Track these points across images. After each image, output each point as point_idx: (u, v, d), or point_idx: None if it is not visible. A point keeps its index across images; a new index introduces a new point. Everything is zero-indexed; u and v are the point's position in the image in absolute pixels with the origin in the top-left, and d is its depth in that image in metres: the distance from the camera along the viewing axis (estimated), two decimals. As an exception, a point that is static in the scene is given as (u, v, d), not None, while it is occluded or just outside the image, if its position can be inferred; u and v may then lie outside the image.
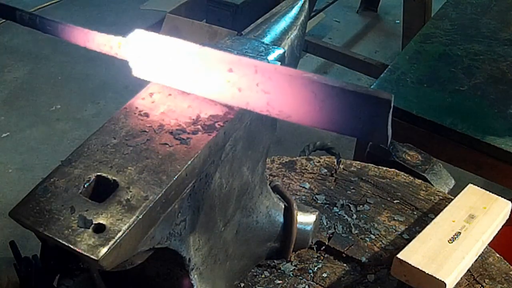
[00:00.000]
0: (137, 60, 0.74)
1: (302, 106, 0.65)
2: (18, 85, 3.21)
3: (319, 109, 0.64)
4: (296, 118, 0.66)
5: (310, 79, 0.63)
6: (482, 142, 1.46)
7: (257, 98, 0.67)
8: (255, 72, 0.67)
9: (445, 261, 0.96)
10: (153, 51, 0.73)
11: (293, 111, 0.66)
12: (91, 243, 0.58)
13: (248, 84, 0.68)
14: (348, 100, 0.62)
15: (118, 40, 0.74)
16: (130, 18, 3.77)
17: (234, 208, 0.88)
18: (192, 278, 0.81)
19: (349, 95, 0.62)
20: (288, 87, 0.65)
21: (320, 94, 0.63)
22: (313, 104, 0.64)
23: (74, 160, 0.67)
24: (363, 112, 0.62)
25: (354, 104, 0.62)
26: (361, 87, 0.62)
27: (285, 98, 0.66)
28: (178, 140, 0.69)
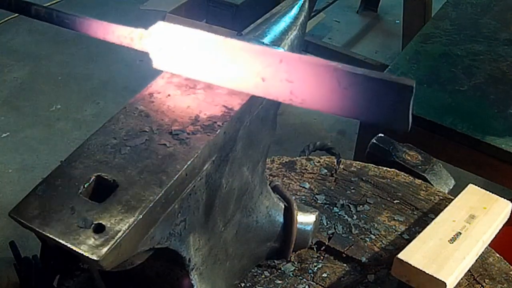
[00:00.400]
0: (158, 52, 0.73)
1: (326, 94, 0.65)
2: (18, 85, 3.21)
3: (343, 97, 0.64)
4: (319, 106, 0.66)
5: (334, 67, 0.64)
6: (482, 142, 1.46)
7: (280, 87, 0.67)
8: (280, 62, 0.67)
9: (445, 261, 0.96)
10: (175, 43, 0.72)
11: (317, 99, 0.66)
12: (91, 243, 0.58)
13: (272, 74, 0.67)
14: (371, 87, 0.62)
15: (140, 32, 0.73)
16: (130, 18, 3.77)
17: (234, 208, 0.88)
18: (192, 278, 0.81)
19: (372, 82, 0.62)
20: (312, 75, 0.65)
21: (344, 82, 0.63)
22: (337, 91, 0.64)
23: (74, 160, 0.67)
24: (386, 99, 0.62)
25: (377, 91, 0.62)
26: (384, 74, 0.62)
27: (309, 86, 0.66)
28: (178, 140, 0.69)
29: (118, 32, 0.74)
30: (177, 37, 0.72)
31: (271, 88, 0.68)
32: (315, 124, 2.89)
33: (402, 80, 0.61)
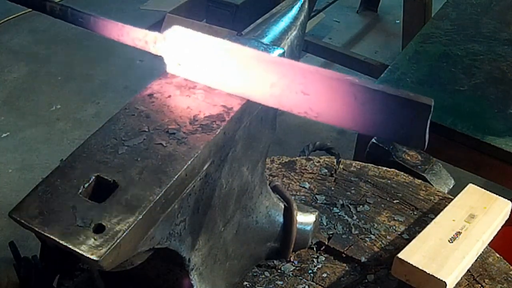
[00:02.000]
0: (172, 56, 0.73)
1: (342, 108, 0.64)
2: (18, 85, 3.21)
3: (359, 112, 0.63)
4: (335, 120, 0.65)
5: (350, 81, 0.63)
6: (482, 142, 1.46)
7: (296, 100, 0.66)
8: (296, 74, 0.66)
9: (445, 260, 0.96)
10: (191, 49, 0.72)
11: (332, 114, 0.65)
12: (91, 243, 0.58)
13: (288, 86, 0.67)
14: (388, 104, 0.62)
15: (154, 35, 0.73)
16: (130, 18, 3.76)
17: (234, 208, 0.88)
18: (192, 278, 0.81)
19: (389, 99, 0.61)
20: (329, 89, 0.64)
21: (361, 97, 0.62)
22: (353, 107, 0.63)
23: (74, 161, 0.67)
24: (403, 116, 0.61)
25: (395, 108, 0.61)
26: (402, 91, 0.61)
27: (325, 100, 0.65)
28: (177, 140, 0.69)
29: (133, 34, 0.73)
30: (192, 43, 0.72)
31: (287, 99, 0.67)
32: (315, 124, 2.89)
33: (420, 98, 0.60)
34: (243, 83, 0.70)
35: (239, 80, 0.70)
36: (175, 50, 0.73)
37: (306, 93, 0.66)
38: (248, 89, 0.70)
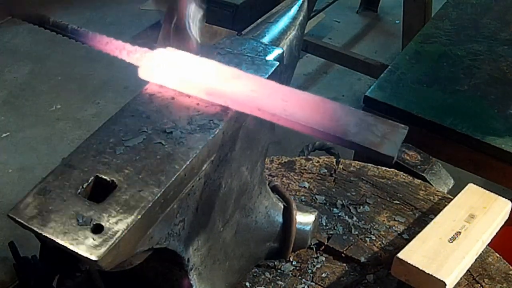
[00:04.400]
0: (153, 68, 0.75)
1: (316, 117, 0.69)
2: (18, 85, 3.21)
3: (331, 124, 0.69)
4: (309, 123, 0.69)
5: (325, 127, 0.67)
6: (482, 142, 1.46)
7: (275, 105, 0.70)
8: (277, 87, 0.72)
9: (445, 260, 0.96)
10: (174, 70, 0.75)
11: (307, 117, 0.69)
12: (90, 243, 0.58)
13: (269, 94, 0.71)
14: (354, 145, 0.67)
15: (133, 48, 0.76)
16: (130, 18, 3.77)
17: (233, 208, 0.88)
18: (191, 278, 0.81)
19: (357, 146, 0.67)
20: (306, 101, 0.71)
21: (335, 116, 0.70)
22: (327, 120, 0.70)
23: (73, 161, 0.67)
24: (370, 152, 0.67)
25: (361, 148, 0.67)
26: (372, 134, 0.67)
27: (301, 106, 0.70)
28: (176, 140, 0.69)
29: (114, 45, 0.76)
30: (176, 64, 0.75)
31: (265, 104, 0.70)
32: (315, 124, 2.88)
33: (383, 147, 0.65)
34: (221, 90, 0.72)
35: (218, 87, 0.72)
36: (157, 64, 0.75)
37: (285, 100, 0.70)
38: (228, 93, 0.71)
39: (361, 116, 0.69)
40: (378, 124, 0.69)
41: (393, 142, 0.67)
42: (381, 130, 0.68)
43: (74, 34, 0.76)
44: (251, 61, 0.82)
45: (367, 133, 0.67)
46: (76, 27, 0.76)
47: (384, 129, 0.68)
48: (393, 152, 0.65)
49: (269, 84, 0.73)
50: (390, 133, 0.68)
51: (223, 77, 0.74)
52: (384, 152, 0.65)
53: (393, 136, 0.68)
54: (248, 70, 0.80)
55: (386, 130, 0.68)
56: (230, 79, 0.73)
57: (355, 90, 3.21)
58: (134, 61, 0.76)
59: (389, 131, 0.68)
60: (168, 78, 0.75)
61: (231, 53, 0.84)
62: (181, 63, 0.75)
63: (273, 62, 0.82)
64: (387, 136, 0.67)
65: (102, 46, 0.76)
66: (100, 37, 0.76)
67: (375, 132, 0.67)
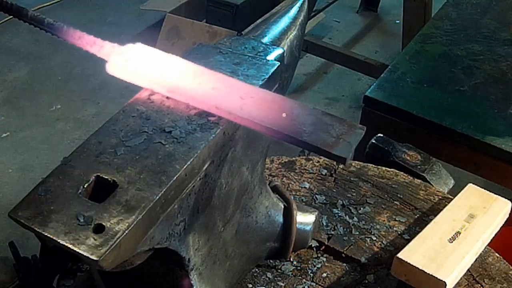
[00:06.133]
0: (122, 62, 0.75)
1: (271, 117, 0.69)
2: (18, 85, 3.21)
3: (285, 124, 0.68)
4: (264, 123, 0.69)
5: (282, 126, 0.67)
6: (482, 142, 1.46)
7: (235, 103, 0.70)
8: (237, 84, 0.71)
9: (445, 260, 0.96)
10: (144, 63, 0.75)
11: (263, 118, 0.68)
12: (91, 243, 0.58)
13: (229, 92, 0.71)
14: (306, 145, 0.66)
15: (104, 44, 0.76)
16: (130, 18, 3.77)
17: (234, 208, 0.88)
18: (192, 278, 0.81)
19: (310, 147, 0.66)
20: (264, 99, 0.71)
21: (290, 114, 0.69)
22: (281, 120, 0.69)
23: (74, 161, 0.67)
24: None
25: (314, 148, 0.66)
26: (325, 135, 0.66)
27: (258, 106, 0.70)
28: (177, 141, 0.69)
29: (86, 40, 0.77)
30: (146, 58, 0.76)
31: (224, 102, 0.70)
32: (315, 124, 2.88)
33: (338, 150, 0.64)
34: (182, 87, 0.72)
35: (181, 83, 0.73)
36: (127, 58, 0.75)
37: (244, 98, 0.70)
38: (188, 91, 0.72)
39: (318, 115, 0.68)
40: (335, 124, 0.67)
41: (348, 143, 0.65)
42: (337, 130, 0.66)
43: (50, 28, 0.77)
44: (252, 61, 0.82)
45: (322, 133, 0.65)
46: (52, 21, 0.77)
47: (341, 129, 0.66)
48: (346, 154, 0.63)
49: (231, 82, 0.73)
50: (347, 133, 0.66)
51: (187, 74, 0.73)
52: (337, 153, 0.63)
53: (349, 136, 0.65)
54: (248, 70, 0.80)
55: (343, 130, 0.66)
56: (194, 76, 0.73)
57: (355, 90, 3.21)
58: (104, 56, 0.76)
59: (346, 131, 0.66)
60: (133, 74, 0.75)
61: (231, 53, 0.84)
62: (148, 59, 0.75)
63: (273, 62, 0.83)
64: (343, 137, 0.65)
65: (75, 40, 0.77)
66: (73, 31, 0.77)
67: (331, 132, 0.65)
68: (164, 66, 0.74)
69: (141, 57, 0.75)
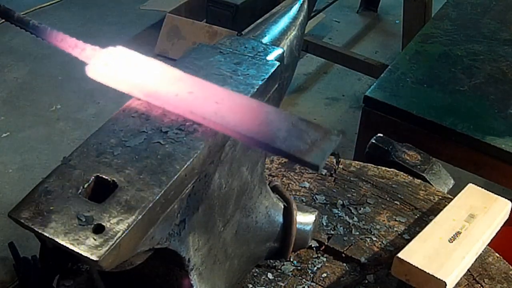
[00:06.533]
0: (101, 66, 0.75)
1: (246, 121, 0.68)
2: (18, 85, 3.21)
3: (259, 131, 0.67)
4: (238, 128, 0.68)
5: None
6: (482, 142, 1.46)
7: (209, 108, 0.69)
8: (212, 88, 0.71)
9: (445, 260, 0.96)
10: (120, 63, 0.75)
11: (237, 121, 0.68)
12: (91, 243, 0.58)
13: (204, 96, 0.70)
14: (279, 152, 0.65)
15: (84, 46, 0.76)
16: (130, 18, 3.77)
17: (234, 208, 0.88)
18: (192, 278, 0.81)
19: (283, 154, 0.65)
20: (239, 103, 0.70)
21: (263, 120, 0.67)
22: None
23: (74, 161, 0.67)
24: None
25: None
26: (299, 143, 0.64)
27: (233, 110, 0.69)
28: (177, 140, 0.69)
29: (67, 42, 0.77)
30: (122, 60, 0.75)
31: (198, 106, 0.69)
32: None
33: (311, 157, 0.63)
34: (159, 92, 0.72)
35: (158, 88, 0.72)
36: (106, 61, 0.75)
37: (219, 103, 0.69)
38: (164, 95, 0.71)
39: (294, 121, 0.66)
40: (310, 130, 0.65)
41: (322, 150, 0.63)
42: (311, 137, 0.64)
43: (35, 30, 0.77)
44: (252, 61, 0.82)
45: (296, 139, 0.64)
46: (36, 23, 0.77)
47: (315, 136, 0.65)
48: (319, 161, 0.62)
49: (207, 86, 0.72)
50: (321, 140, 0.64)
51: (165, 78, 0.73)
52: (310, 160, 0.62)
53: (323, 143, 0.64)
54: (248, 70, 0.80)
55: (317, 137, 0.65)
56: (172, 80, 0.72)
57: (355, 90, 3.21)
58: (85, 59, 0.76)
59: (320, 138, 0.65)
60: (112, 78, 0.74)
61: (231, 53, 0.84)
62: (128, 63, 0.75)
63: (273, 62, 0.83)
64: (317, 144, 0.64)
65: (57, 42, 0.77)
66: (56, 33, 0.77)
67: (306, 138, 0.64)
68: (143, 70, 0.74)
69: (121, 61, 0.75)
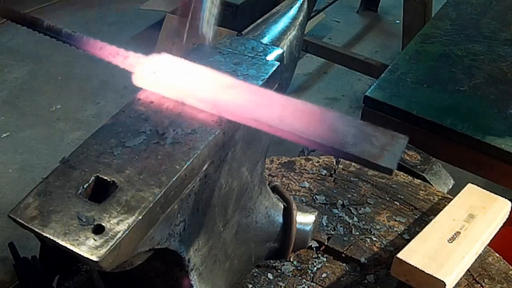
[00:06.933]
0: (149, 74, 0.74)
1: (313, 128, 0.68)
2: (18, 85, 3.21)
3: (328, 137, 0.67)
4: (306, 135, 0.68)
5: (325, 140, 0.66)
6: (482, 142, 1.46)
7: (272, 114, 0.69)
8: (275, 97, 0.71)
9: (445, 260, 0.96)
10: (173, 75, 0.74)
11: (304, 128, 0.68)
12: (91, 244, 0.58)
13: (268, 104, 0.71)
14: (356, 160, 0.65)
15: (127, 53, 0.75)
16: (130, 18, 3.77)
17: (234, 208, 0.88)
18: (192, 279, 0.81)
19: (356, 159, 0.65)
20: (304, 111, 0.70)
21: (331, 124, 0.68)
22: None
23: (74, 161, 0.67)
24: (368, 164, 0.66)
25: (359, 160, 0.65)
26: (369, 146, 0.65)
27: (299, 117, 0.69)
28: (177, 141, 0.69)
29: (108, 50, 0.75)
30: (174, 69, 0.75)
31: (262, 114, 0.69)
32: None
33: (384, 161, 0.63)
34: (216, 100, 0.71)
35: (213, 97, 0.72)
36: (154, 69, 0.74)
37: (282, 110, 0.69)
38: (223, 103, 0.71)
39: (359, 126, 0.67)
40: (377, 134, 0.66)
41: (393, 154, 0.64)
42: (380, 141, 0.65)
43: (68, 39, 0.75)
44: (251, 61, 0.82)
45: (366, 144, 0.64)
46: (70, 31, 0.75)
47: (384, 140, 0.65)
48: (392, 164, 0.63)
49: (266, 94, 0.72)
50: (390, 144, 0.65)
51: (219, 86, 0.72)
52: (384, 164, 0.63)
53: (393, 147, 0.65)
54: (248, 70, 0.80)
55: (386, 141, 0.65)
56: (226, 88, 0.72)
57: (355, 90, 3.21)
58: (128, 67, 0.75)
59: (389, 142, 0.65)
60: (163, 86, 0.74)
61: (231, 53, 0.84)
62: (176, 70, 0.74)
63: (273, 62, 0.83)
64: (387, 148, 0.64)
65: (96, 51, 0.75)
66: (94, 41, 0.74)
67: (374, 143, 0.65)
68: (193, 77, 0.73)
69: (168, 68, 0.74)
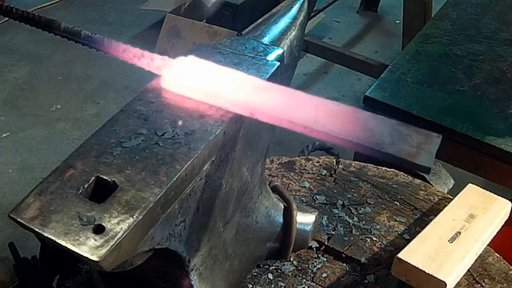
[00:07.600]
0: (176, 76, 0.74)
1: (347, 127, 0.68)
2: (18, 85, 3.21)
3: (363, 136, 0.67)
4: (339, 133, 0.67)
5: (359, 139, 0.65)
6: (482, 142, 1.46)
7: (306, 114, 0.69)
8: (307, 97, 0.70)
9: (445, 260, 0.96)
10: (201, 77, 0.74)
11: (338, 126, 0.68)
12: (91, 244, 0.58)
13: (299, 105, 0.70)
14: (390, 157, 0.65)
15: (153, 56, 0.74)
16: (130, 18, 3.77)
17: (234, 208, 0.88)
18: (192, 279, 0.81)
19: (391, 158, 0.65)
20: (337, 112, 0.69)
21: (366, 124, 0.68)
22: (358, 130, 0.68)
23: (74, 161, 0.67)
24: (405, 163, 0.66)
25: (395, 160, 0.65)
26: (407, 144, 0.65)
27: (333, 116, 0.69)
28: (177, 141, 0.69)
29: (132, 52, 0.74)
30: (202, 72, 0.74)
31: (296, 115, 0.69)
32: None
33: (422, 160, 0.63)
34: (249, 102, 0.71)
35: (245, 99, 0.71)
36: (180, 73, 0.74)
37: (316, 111, 0.69)
38: (256, 105, 0.70)
39: (394, 125, 0.67)
40: (412, 133, 0.66)
41: (429, 152, 0.64)
42: (415, 140, 0.65)
43: (88, 41, 0.73)
44: (252, 61, 0.82)
45: (403, 143, 0.65)
46: (90, 33, 0.73)
47: (418, 139, 0.66)
48: (429, 163, 0.63)
49: (298, 95, 0.71)
50: (425, 142, 0.65)
51: (250, 87, 0.72)
52: (421, 163, 0.63)
53: (428, 145, 0.65)
54: (248, 70, 0.80)
55: (421, 139, 0.66)
56: (258, 90, 0.72)
57: (355, 90, 3.21)
58: (154, 69, 0.74)
59: (424, 140, 0.66)
60: (193, 90, 0.73)
61: (231, 53, 0.84)
62: (204, 73, 0.74)
63: (273, 62, 0.83)
64: (422, 146, 0.65)
65: (119, 53, 0.73)
66: (117, 44, 0.73)
67: (410, 142, 0.65)
68: (223, 80, 0.73)
69: (196, 71, 0.73)
